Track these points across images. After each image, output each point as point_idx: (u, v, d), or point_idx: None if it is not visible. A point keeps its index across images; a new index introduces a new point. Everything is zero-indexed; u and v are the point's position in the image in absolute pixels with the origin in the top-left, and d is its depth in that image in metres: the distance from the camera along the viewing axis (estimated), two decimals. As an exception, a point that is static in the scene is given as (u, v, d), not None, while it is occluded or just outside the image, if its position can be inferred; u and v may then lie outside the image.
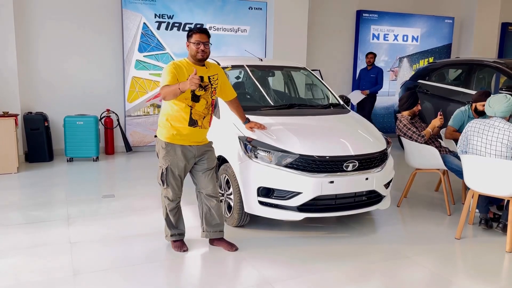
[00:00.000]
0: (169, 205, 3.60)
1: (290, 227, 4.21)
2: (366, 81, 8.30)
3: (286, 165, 3.78)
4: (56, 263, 3.39)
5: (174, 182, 3.52)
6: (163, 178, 3.51)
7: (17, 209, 4.63)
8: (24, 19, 6.60)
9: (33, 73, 6.77)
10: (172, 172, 3.49)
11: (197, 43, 3.37)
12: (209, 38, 3.43)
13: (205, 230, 3.71)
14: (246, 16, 7.86)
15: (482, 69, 7.15)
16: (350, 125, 4.50)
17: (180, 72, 3.36)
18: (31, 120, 6.52)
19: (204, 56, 3.42)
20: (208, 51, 3.44)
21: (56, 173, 6.13)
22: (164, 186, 3.53)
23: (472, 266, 3.64)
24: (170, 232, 3.68)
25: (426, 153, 4.71)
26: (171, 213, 3.63)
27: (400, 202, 4.97)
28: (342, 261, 3.58)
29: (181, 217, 3.73)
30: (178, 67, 3.38)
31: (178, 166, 3.48)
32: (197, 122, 3.45)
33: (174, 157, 3.46)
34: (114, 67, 7.21)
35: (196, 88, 3.19)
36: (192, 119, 3.42)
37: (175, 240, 3.68)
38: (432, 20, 9.70)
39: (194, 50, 3.39)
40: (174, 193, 3.56)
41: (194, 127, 3.45)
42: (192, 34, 3.41)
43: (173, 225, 3.67)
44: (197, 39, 3.37)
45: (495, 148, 3.82)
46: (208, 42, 3.41)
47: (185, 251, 3.62)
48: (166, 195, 3.57)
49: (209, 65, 3.56)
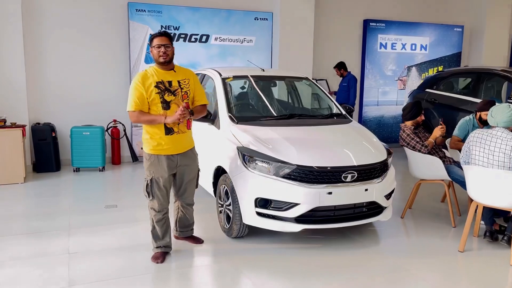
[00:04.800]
0: (156, 216, 3.58)
1: (289, 238, 4.16)
2: (340, 91, 8.16)
3: (284, 175, 3.74)
4: (52, 274, 3.40)
5: (159, 193, 3.51)
6: (148, 189, 3.51)
7: (20, 219, 4.68)
8: (33, 32, 6.72)
9: (41, 85, 6.88)
10: (157, 183, 3.48)
11: (158, 46, 3.37)
12: (170, 41, 3.42)
13: (178, 230, 3.94)
14: (252, 27, 7.89)
15: (491, 78, 7.04)
16: (350, 135, 4.46)
17: (147, 83, 3.36)
18: (39, 131, 6.62)
19: (166, 59, 3.39)
20: (171, 53, 3.41)
21: (62, 183, 6.19)
22: (149, 198, 3.53)
23: (475, 281, 3.54)
24: (156, 244, 3.66)
25: (429, 163, 4.63)
26: (157, 225, 3.61)
27: (404, 213, 4.89)
28: (342, 274, 3.52)
29: (168, 229, 3.70)
30: (144, 79, 3.36)
31: (163, 177, 3.48)
32: (173, 129, 3.44)
33: (158, 168, 3.46)
34: (121, 78, 7.29)
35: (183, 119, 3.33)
36: (166, 127, 3.41)
37: (158, 251, 3.65)
38: (441, 29, 9.61)
39: (156, 54, 3.39)
40: (160, 204, 3.54)
41: (171, 134, 3.43)
42: (153, 38, 3.41)
43: (159, 237, 3.65)
44: (157, 43, 3.38)
45: (498, 159, 3.74)
46: (169, 44, 3.40)
47: (158, 263, 3.56)
48: (152, 206, 3.56)
49: (179, 70, 3.55)
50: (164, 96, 3.38)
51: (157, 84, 3.37)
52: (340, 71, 8.17)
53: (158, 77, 3.40)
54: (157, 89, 3.37)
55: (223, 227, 4.24)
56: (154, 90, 3.35)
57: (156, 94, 3.36)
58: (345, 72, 8.15)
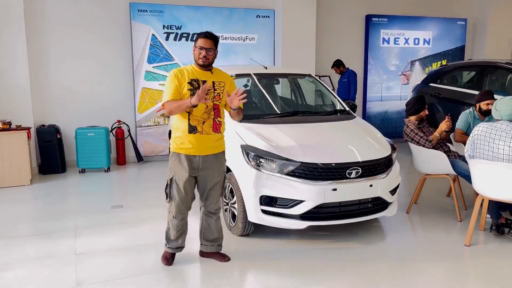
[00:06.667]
0: (172, 222, 3.48)
1: (295, 235, 4.17)
2: (341, 87, 8.13)
3: (288, 173, 3.75)
4: (60, 274, 3.43)
5: (178, 195, 3.39)
6: (166, 190, 3.41)
7: (27, 221, 4.71)
8: (35, 34, 6.76)
9: (44, 87, 6.91)
10: (176, 184, 3.37)
11: (200, 48, 3.29)
12: (215, 45, 3.33)
13: (203, 243, 3.69)
14: (254, 25, 7.88)
15: (494, 71, 6.99)
16: (354, 131, 4.45)
17: (182, 78, 3.31)
18: (44, 133, 6.66)
19: (206, 62, 3.32)
20: (211, 58, 3.33)
21: (67, 184, 6.22)
22: (167, 200, 3.43)
23: (481, 274, 3.53)
24: (168, 244, 3.59)
25: (434, 158, 4.62)
26: (173, 228, 3.51)
27: (409, 209, 4.88)
28: (348, 270, 3.52)
29: (184, 234, 3.58)
30: (180, 74, 3.32)
31: (183, 177, 3.35)
32: (196, 128, 3.32)
33: (179, 167, 3.36)
34: (124, 79, 7.31)
35: (203, 101, 3.16)
36: (190, 125, 3.31)
37: (168, 251, 3.59)
38: (444, 22, 9.56)
39: (196, 55, 3.32)
40: (177, 208, 3.42)
41: (194, 133, 3.32)
42: (198, 38, 3.32)
43: (171, 239, 3.56)
44: (200, 45, 3.30)
45: (503, 152, 3.72)
46: (212, 48, 3.30)
47: (166, 264, 3.52)
48: (170, 210, 3.46)
49: (216, 72, 3.47)
50: (195, 94, 3.25)
51: (191, 81, 3.31)
52: (339, 69, 8.16)
53: (194, 74, 3.33)
54: (190, 85, 3.30)
55: (228, 225, 4.25)
56: (187, 86, 3.29)
57: (188, 90, 3.28)
58: (343, 68, 8.14)
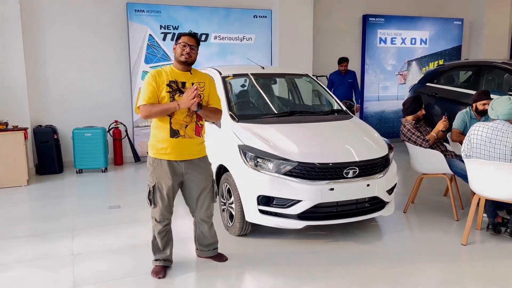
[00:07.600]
0: (156, 227, 3.39)
1: (293, 235, 4.17)
2: (344, 87, 8.04)
3: (285, 173, 3.76)
4: (57, 275, 3.42)
5: (161, 202, 3.31)
6: (150, 197, 3.31)
7: (24, 222, 4.70)
8: (32, 34, 6.74)
9: (41, 87, 6.90)
10: (159, 191, 3.29)
11: (184, 45, 3.24)
12: (197, 44, 3.32)
13: (199, 249, 3.68)
14: (251, 25, 7.89)
15: (491, 70, 7.02)
16: (351, 131, 4.46)
17: (160, 80, 3.22)
18: (41, 133, 6.64)
19: (188, 60, 3.25)
20: (194, 56, 3.29)
21: (64, 185, 6.21)
22: (151, 206, 3.34)
23: (478, 274, 3.54)
24: (155, 257, 3.48)
25: (431, 157, 4.64)
26: (158, 236, 3.42)
27: (406, 208, 4.89)
28: (345, 269, 3.53)
29: (170, 242, 3.50)
30: (158, 75, 3.23)
31: (166, 184, 3.28)
32: (179, 132, 3.24)
33: (161, 174, 3.27)
34: (121, 79, 7.31)
35: (195, 107, 3.15)
36: (172, 129, 3.22)
37: (158, 265, 3.47)
38: (441, 22, 9.59)
39: (178, 52, 3.25)
40: (161, 214, 3.34)
41: (176, 137, 3.24)
42: (181, 36, 3.29)
43: (159, 249, 3.45)
44: (184, 41, 3.25)
45: (499, 151, 3.74)
46: (195, 46, 3.28)
47: (160, 278, 3.37)
48: (153, 215, 3.38)
49: (195, 73, 3.40)
50: (174, 96, 3.23)
51: (170, 83, 3.24)
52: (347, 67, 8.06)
53: (172, 76, 3.27)
54: (169, 87, 3.23)
55: (226, 225, 4.25)
56: (165, 88, 3.22)
57: (167, 93, 3.21)
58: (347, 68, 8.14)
